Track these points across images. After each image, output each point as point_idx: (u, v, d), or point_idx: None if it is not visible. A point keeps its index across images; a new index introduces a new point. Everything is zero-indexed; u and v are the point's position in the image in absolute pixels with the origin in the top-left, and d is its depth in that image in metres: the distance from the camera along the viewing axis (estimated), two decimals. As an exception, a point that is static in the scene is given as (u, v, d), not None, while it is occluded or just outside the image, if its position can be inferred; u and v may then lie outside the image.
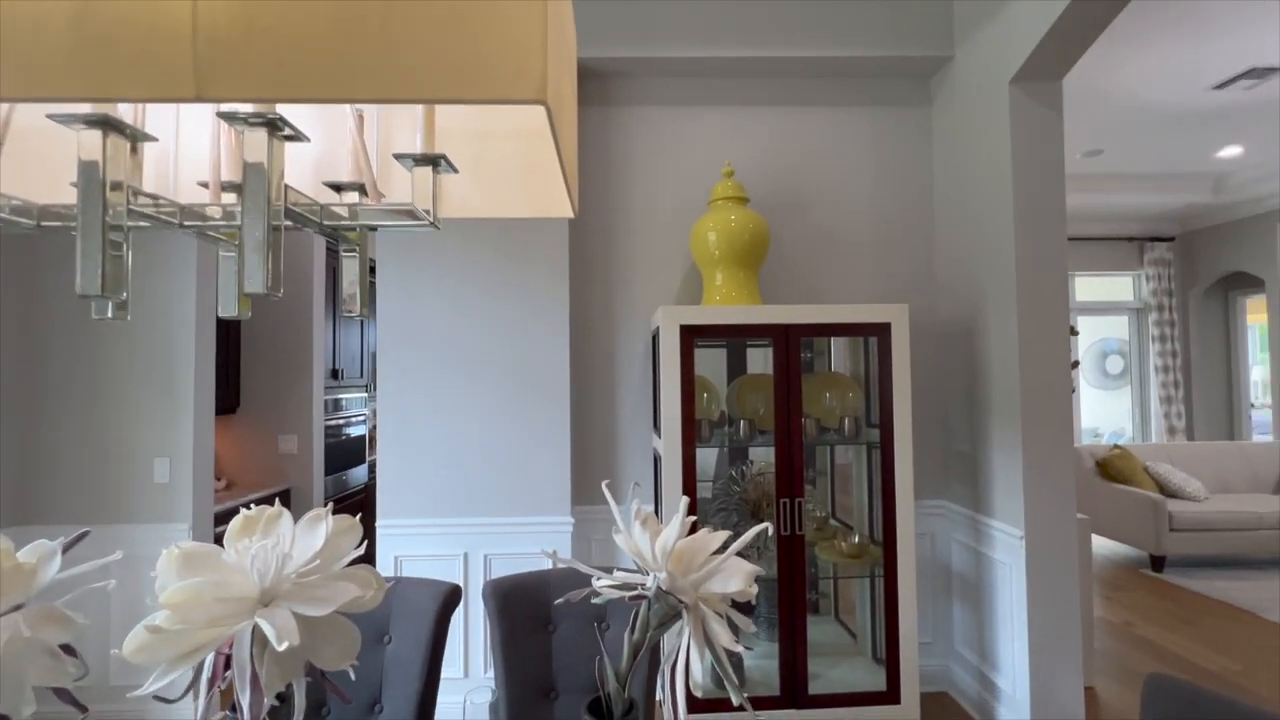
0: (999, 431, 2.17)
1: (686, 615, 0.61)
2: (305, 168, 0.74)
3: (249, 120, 0.54)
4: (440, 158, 0.65)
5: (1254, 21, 2.96)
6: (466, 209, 0.80)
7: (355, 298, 0.72)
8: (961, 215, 2.38)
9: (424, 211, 0.64)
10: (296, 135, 0.57)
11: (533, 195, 0.81)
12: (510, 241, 2.22)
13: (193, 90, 0.46)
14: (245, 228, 0.54)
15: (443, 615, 1.33)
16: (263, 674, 0.57)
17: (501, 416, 2.19)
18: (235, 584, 0.57)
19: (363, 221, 0.66)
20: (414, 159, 0.65)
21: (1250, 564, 3.99)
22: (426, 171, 0.65)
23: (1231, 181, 5.42)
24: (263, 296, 0.56)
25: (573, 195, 0.76)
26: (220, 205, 0.62)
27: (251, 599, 0.57)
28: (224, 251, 0.69)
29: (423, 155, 0.65)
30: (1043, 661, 2.02)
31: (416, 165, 0.65)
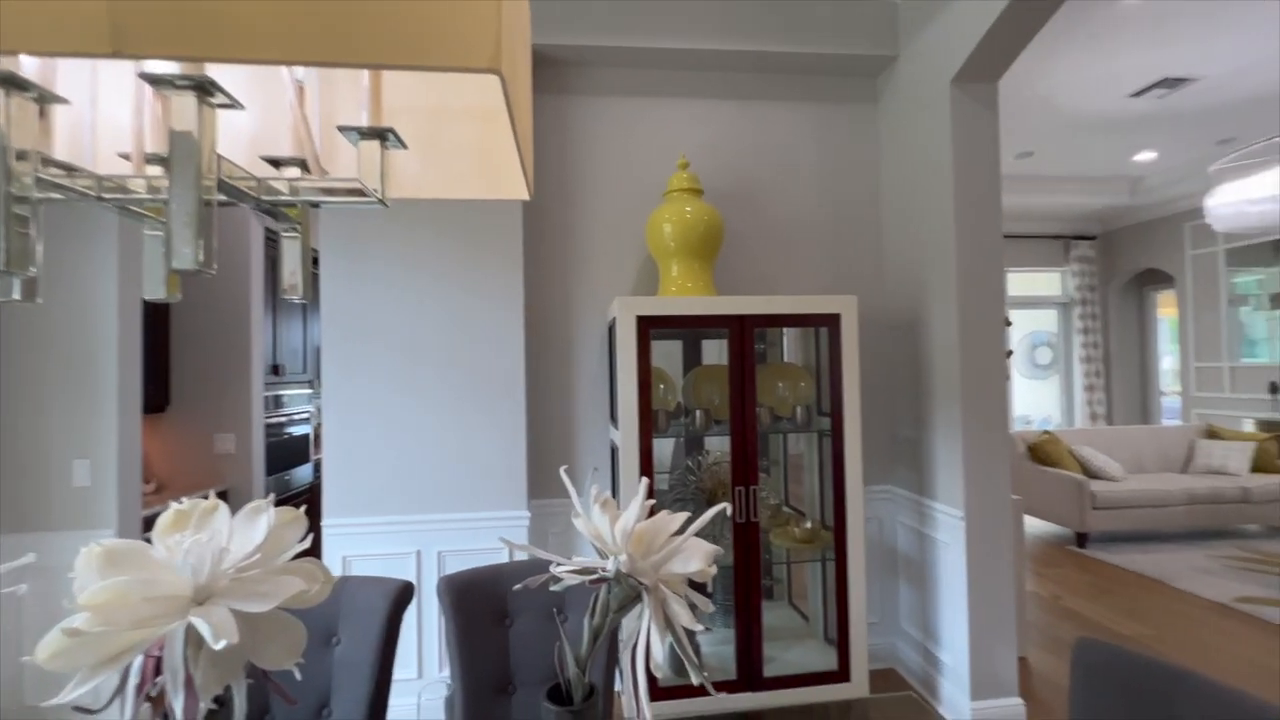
0: (941, 418, 2.26)
1: (647, 597, 0.61)
2: (239, 141, 0.70)
3: (176, 83, 0.50)
4: (388, 131, 0.62)
5: (1167, 35, 3.18)
6: (418, 189, 0.77)
7: (297, 281, 0.68)
8: (907, 210, 2.47)
9: (371, 188, 0.62)
10: (230, 102, 0.54)
11: (487, 176, 0.79)
12: (463, 231, 2.17)
13: (109, 44, 0.42)
14: (174, 199, 0.50)
15: (394, 614, 1.29)
16: (198, 677, 0.54)
17: (455, 409, 2.13)
18: (166, 582, 0.53)
19: (305, 198, 0.63)
20: (360, 132, 0.62)
21: (1161, 537, 4.32)
22: (374, 146, 0.62)
23: (1146, 184, 5.83)
24: (194, 275, 0.52)
25: (528, 175, 0.75)
26: (144, 178, 0.57)
27: (184, 597, 0.54)
28: (149, 230, 0.65)
29: (369, 128, 0.62)
30: (981, 635, 2.13)
31: (363, 139, 0.62)
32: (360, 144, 0.62)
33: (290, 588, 0.56)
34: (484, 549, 2.10)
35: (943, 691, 2.27)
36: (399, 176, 0.76)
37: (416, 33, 0.46)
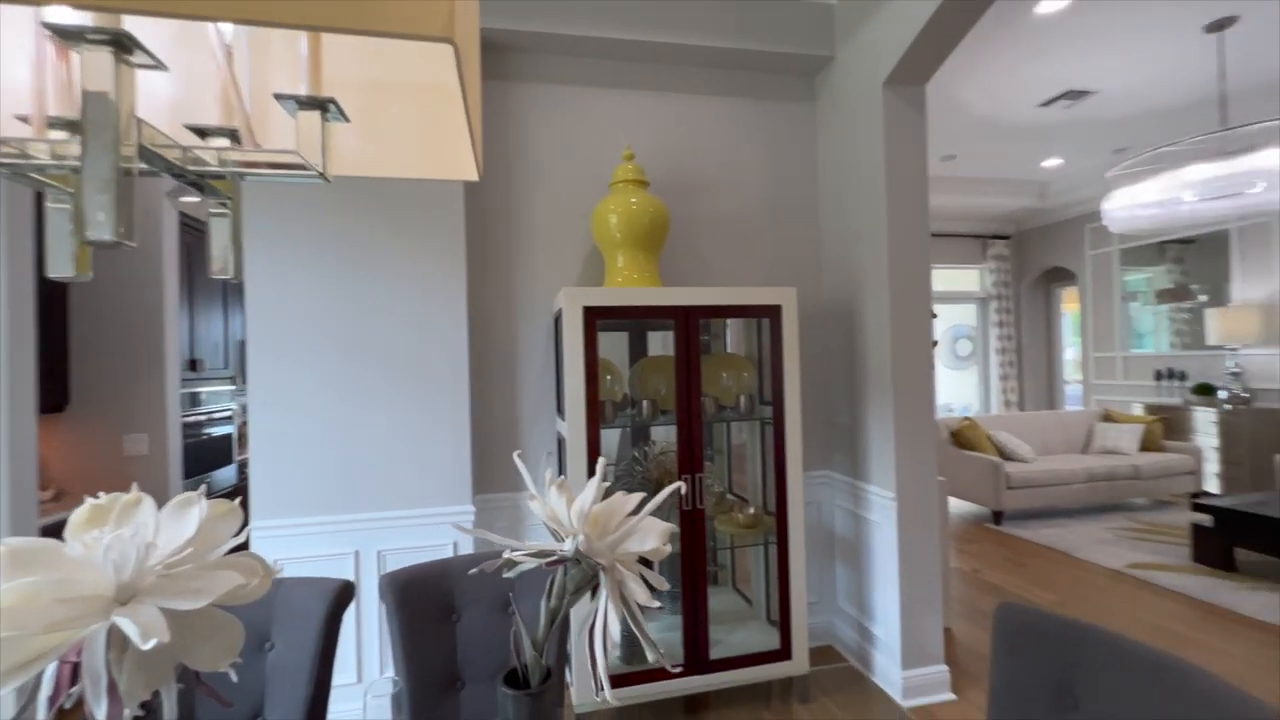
0: (874, 405, 2.38)
1: (604, 577, 0.61)
2: (158, 106, 0.64)
3: (88, 37, 0.46)
4: (330, 102, 0.59)
5: (1072, 50, 3.45)
6: (357, 166, 0.74)
7: (228, 260, 0.64)
8: (842, 206, 2.57)
9: (312, 162, 0.58)
10: (153, 62, 0.49)
11: (431, 155, 0.76)
12: (401, 218, 2.08)
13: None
14: (87, 165, 0.46)
15: (333, 615, 1.24)
16: (122, 682, 0.50)
17: (395, 403, 2.06)
18: (83, 581, 0.49)
19: (237, 170, 0.59)
20: (298, 101, 0.58)
21: (1065, 513, 4.72)
22: (314, 117, 0.59)
23: (1053, 189, 6.31)
24: (111, 248, 0.48)
25: (478, 155, 0.73)
26: (47, 142, 0.52)
27: (105, 597, 0.50)
28: (53, 202, 0.59)
29: (309, 98, 0.58)
30: (911, 608, 2.27)
31: (301, 109, 0.59)
32: (299, 114, 0.59)
33: (226, 582, 0.53)
34: (428, 546, 2.04)
35: (876, 663, 2.39)
36: (336, 152, 0.73)
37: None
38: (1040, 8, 2.99)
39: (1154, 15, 3.10)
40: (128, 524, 0.54)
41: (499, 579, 1.37)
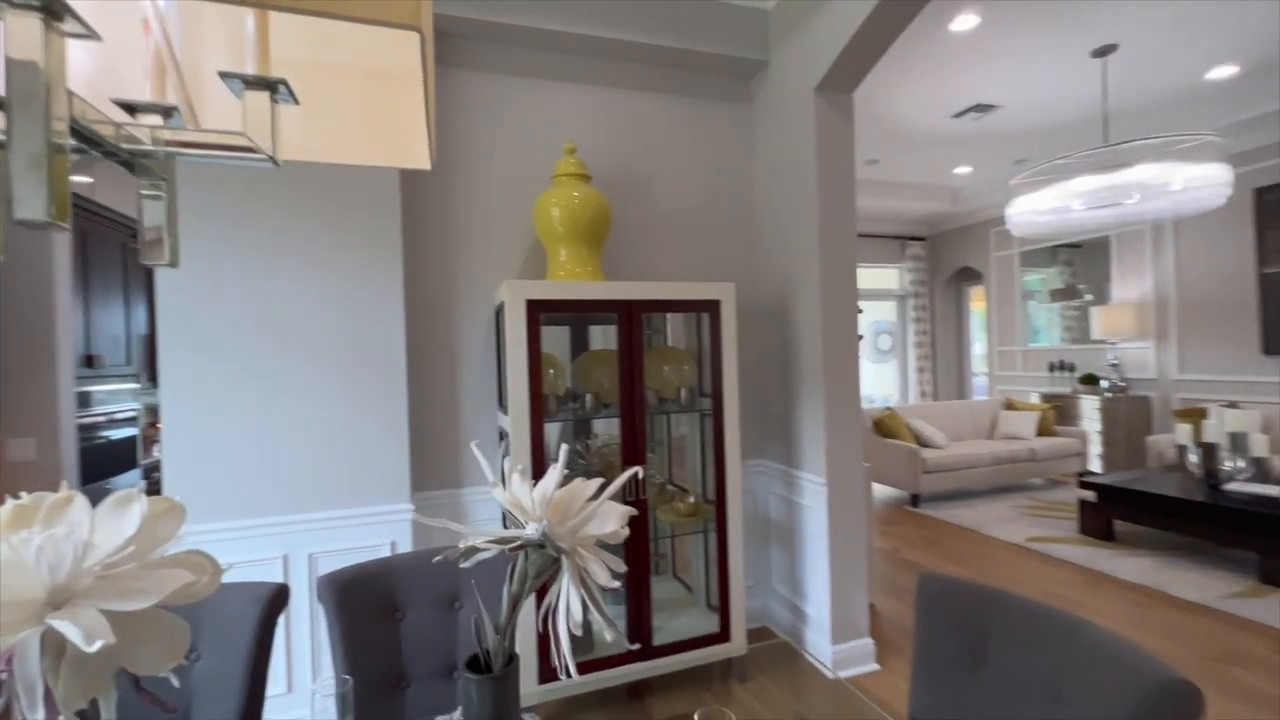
0: (806, 396, 2.50)
1: (565, 560, 0.63)
2: (80, 79, 0.60)
3: (14, 1, 0.43)
4: (280, 83, 0.57)
5: (980, 66, 3.73)
6: (302, 151, 0.71)
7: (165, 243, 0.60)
8: (776, 205, 2.67)
9: (261, 145, 0.56)
10: (85, 31, 0.47)
11: (380, 141, 0.75)
12: (334, 205, 1.99)
13: None
14: (14, 140, 0.43)
15: (267, 620, 1.18)
16: (59, 690, 0.47)
17: (328, 399, 1.96)
18: (12, 585, 0.46)
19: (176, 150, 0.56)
20: (245, 81, 0.56)
21: (974, 494, 5.13)
22: (261, 98, 0.57)
23: (963, 194, 6.80)
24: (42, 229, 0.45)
25: (432, 143, 0.72)
26: None
27: (36, 601, 0.47)
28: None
29: (257, 78, 0.56)
30: (840, 586, 2.41)
31: (249, 89, 0.56)
32: (246, 95, 0.57)
33: (174, 581, 0.51)
34: (363, 547, 1.97)
35: (808, 639, 2.53)
36: (279, 135, 0.70)
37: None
38: (954, 25, 3.21)
39: (1048, 40, 3.41)
40: (59, 523, 0.51)
41: (445, 575, 1.36)
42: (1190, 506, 3.41)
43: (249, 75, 0.56)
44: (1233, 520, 3.23)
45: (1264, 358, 4.65)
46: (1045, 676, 0.98)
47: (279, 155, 0.61)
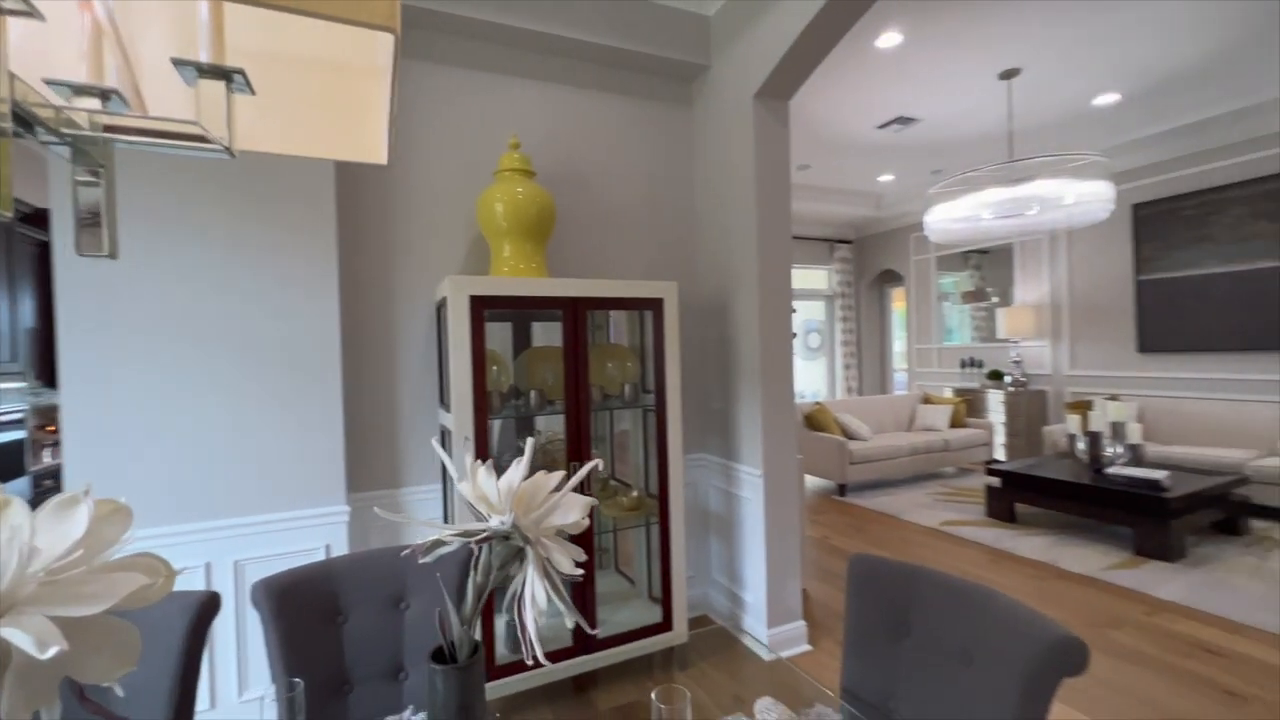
0: (744, 391, 2.60)
1: (530, 550, 0.65)
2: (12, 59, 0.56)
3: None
4: (237, 72, 0.55)
5: (903, 81, 3.98)
6: (253, 140, 0.69)
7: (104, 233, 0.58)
8: (716, 206, 2.76)
9: (217, 136, 0.55)
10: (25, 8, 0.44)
11: (336, 134, 0.74)
12: (262, 196, 1.88)
13: None
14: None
15: (197, 629, 1.13)
16: (2, 702, 0.45)
17: (257, 398, 1.86)
18: (-52, 595, 0.43)
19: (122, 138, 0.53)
20: (199, 69, 0.54)
21: (894, 483, 5.47)
22: (216, 87, 0.55)
23: (886, 200, 7.20)
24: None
25: (393, 140, 0.72)
26: None
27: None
28: None
29: (213, 66, 0.55)
30: (776, 573, 2.52)
31: (203, 78, 0.55)
32: (200, 83, 0.55)
33: (128, 584, 0.49)
34: (296, 551, 1.88)
35: (746, 624, 2.63)
36: (224, 118, 0.67)
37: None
38: (879, 42, 3.41)
39: (962, 60, 3.68)
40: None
41: (391, 576, 1.33)
42: (1078, 489, 3.80)
43: (204, 63, 0.54)
44: (1112, 500, 3.62)
45: (1139, 355, 5.23)
46: (959, 642, 1.09)
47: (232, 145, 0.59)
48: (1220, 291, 4.68)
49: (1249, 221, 4.50)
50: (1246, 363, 4.59)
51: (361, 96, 0.74)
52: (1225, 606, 2.80)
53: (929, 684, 1.12)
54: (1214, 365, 4.76)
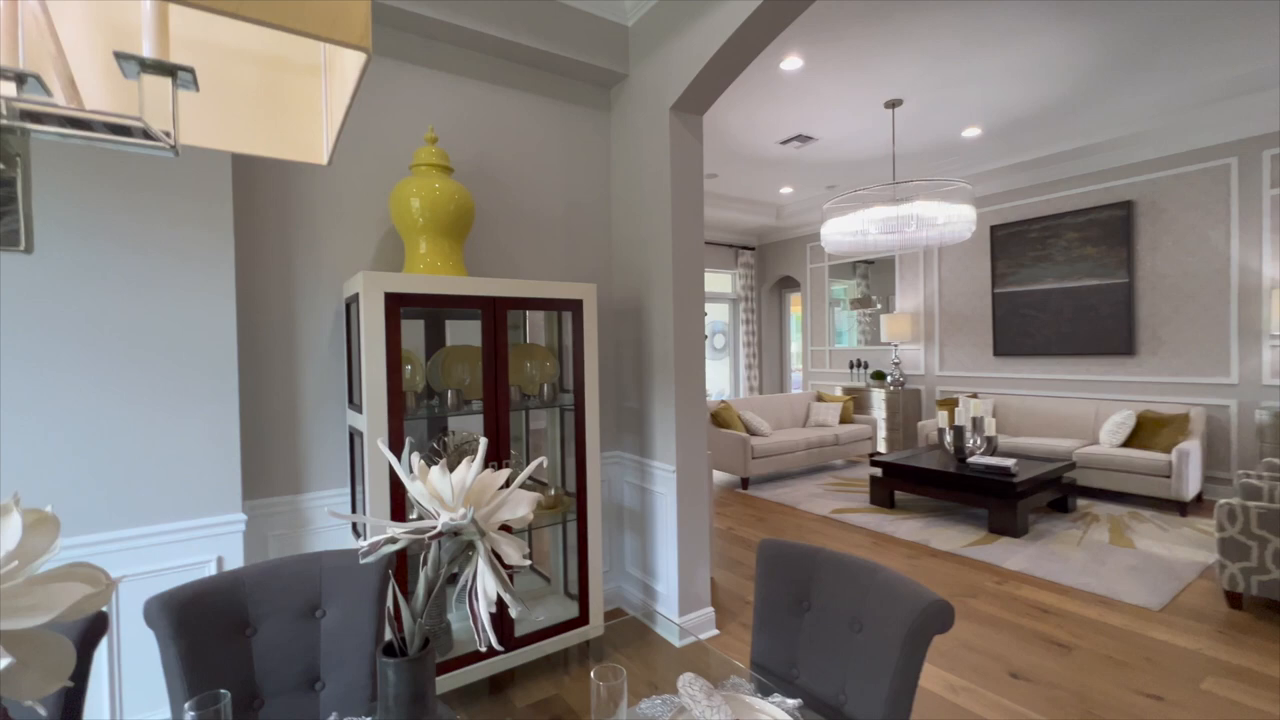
0: (658, 390, 2.71)
1: (479, 544, 0.68)
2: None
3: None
4: (185, 70, 0.54)
5: (802, 102, 4.28)
6: (189, 136, 0.67)
7: (20, 227, 0.54)
8: (632, 211, 2.84)
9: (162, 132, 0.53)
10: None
11: (275, 132, 0.72)
12: (150, 180, 1.71)
13: None
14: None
15: (81, 653, 1.03)
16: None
17: (143, 400, 1.69)
18: None
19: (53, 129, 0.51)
20: (142, 63, 0.53)
21: (792, 475, 5.86)
22: (162, 84, 0.54)
23: (785, 211, 7.67)
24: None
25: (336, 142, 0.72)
26: None
27: (-107, 631, 0.42)
28: None
29: (157, 62, 0.53)
30: (687, 563, 2.65)
31: (145, 72, 0.53)
32: (143, 78, 0.53)
33: (69, 595, 0.47)
34: (184, 565, 1.73)
35: (658, 615, 2.74)
36: (164, 117, 0.65)
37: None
38: (784, 65, 3.66)
39: (853, 88, 4.03)
40: (-90, 543, 0.45)
41: (305, 584, 1.28)
42: (945, 477, 4.29)
43: (148, 59, 0.53)
44: (972, 486, 4.13)
45: (995, 358, 5.97)
46: (851, 611, 1.24)
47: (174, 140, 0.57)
48: (1056, 304, 5.46)
49: (1079, 245, 5.30)
50: (1075, 365, 5.39)
51: (300, 93, 0.73)
52: (1057, 573, 3.30)
53: (826, 651, 1.26)
54: (1051, 367, 5.55)
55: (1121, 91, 4.19)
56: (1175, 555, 3.51)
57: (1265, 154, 4.31)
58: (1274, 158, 4.29)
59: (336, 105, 0.69)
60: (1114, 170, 5.08)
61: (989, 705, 2.16)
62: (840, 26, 3.23)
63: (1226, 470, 4.56)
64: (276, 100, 0.70)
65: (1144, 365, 4.98)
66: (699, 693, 0.98)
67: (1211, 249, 4.60)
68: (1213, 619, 2.73)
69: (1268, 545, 2.65)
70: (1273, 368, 4.33)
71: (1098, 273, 5.18)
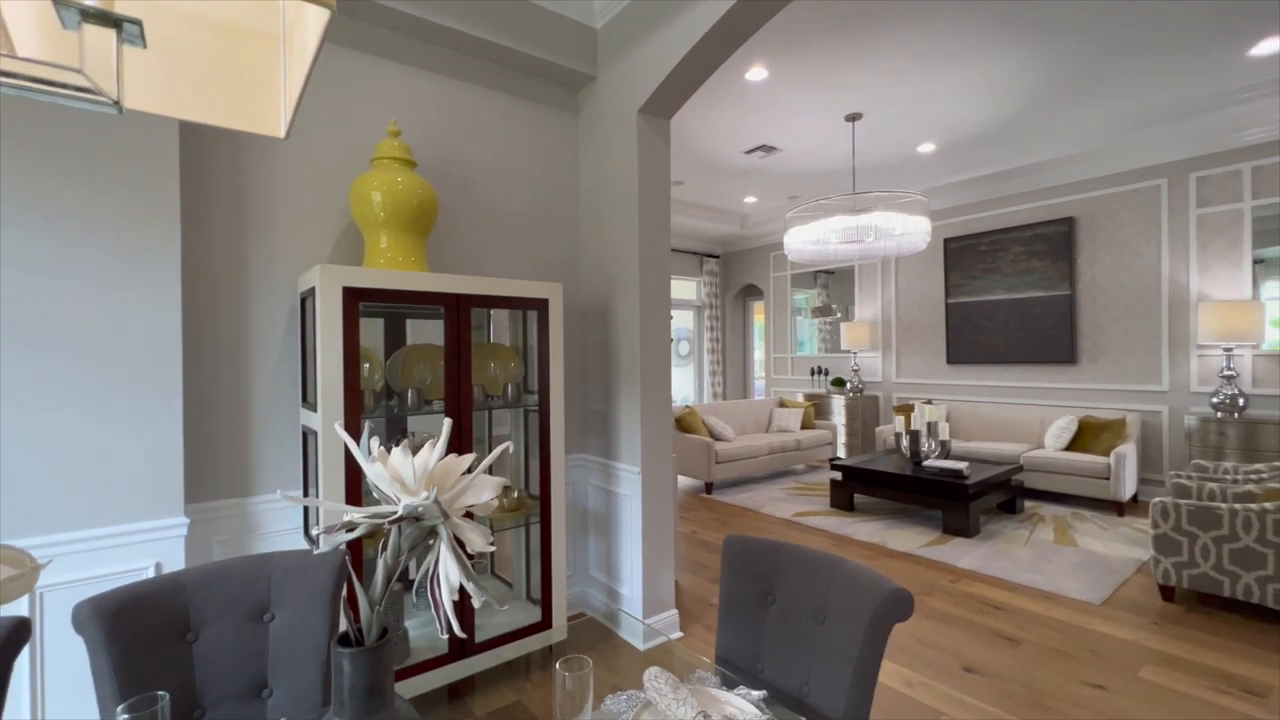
0: (624, 393, 2.70)
1: (442, 529, 0.66)
2: None
3: None
4: (131, 22, 0.51)
5: (767, 113, 4.37)
6: (137, 100, 0.63)
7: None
8: (599, 213, 2.84)
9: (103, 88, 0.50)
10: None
11: (232, 102, 0.69)
12: (86, 155, 1.61)
13: None
14: None
15: (2, 660, 0.96)
16: None
17: (76, 400, 1.58)
18: None
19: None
20: (84, 12, 0.50)
21: (755, 480, 5.93)
22: (107, 35, 0.51)
23: (749, 220, 7.80)
24: None
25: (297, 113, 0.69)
26: None
27: None
28: None
29: (100, 12, 0.50)
30: (651, 566, 2.64)
31: (87, 21, 0.50)
32: (83, 28, 0.50)
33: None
34: (120, 572, 1.62)
35: (622, 618, 2.71)
36: (108, 78, 0.61)
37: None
38: (749, 75, 3.74)
39: (816, 101, 4.14)
40: None
41: (252, 587, 1.22)
42: (902, 480, 4.41)
43: (90, 7, 0.50)
44: (927, 489, 4.26)
45: (948, 366, 6.19)
46: (814, 604, 1.25)
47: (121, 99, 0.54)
48: (1004, 314, 5.70)
49: (1026, 259, 5.55)
50: (1022, 373, 5.63)
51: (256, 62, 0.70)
52: (1006, 571, 3.43)
53: (790, 644, 1.27)
54: (1000, 375, 5.78)
55: (1064, 114, 4.43)
56: (1114, 552, 3.69)
57: (1192, 176, 4.62)
58: (1199, 180, 4.60)
59: (295, 76, 0.67)
60: (1057, 188, 5.36)
61: (943, 699, 2.21)
62: (804, 39, 3.32)
63: (1159, 472, 4.83)
64: (231, 67, 0.67)
65: (1085, 373, 5.24)
66: (665, 685, 0.97)
67: (1145, 264, 4.89)
68: (1148, 611, 2.88)
69: (1197, 540, 2.81)
70: (1200, 376, 4.62)
71: (1042, 285, 5.44)
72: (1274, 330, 4.33)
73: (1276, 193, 4.26)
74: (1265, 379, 4.34)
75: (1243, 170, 4.39)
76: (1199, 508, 2.80)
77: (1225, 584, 2.74)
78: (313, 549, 0.72)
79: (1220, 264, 4.51)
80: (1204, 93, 4.11)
